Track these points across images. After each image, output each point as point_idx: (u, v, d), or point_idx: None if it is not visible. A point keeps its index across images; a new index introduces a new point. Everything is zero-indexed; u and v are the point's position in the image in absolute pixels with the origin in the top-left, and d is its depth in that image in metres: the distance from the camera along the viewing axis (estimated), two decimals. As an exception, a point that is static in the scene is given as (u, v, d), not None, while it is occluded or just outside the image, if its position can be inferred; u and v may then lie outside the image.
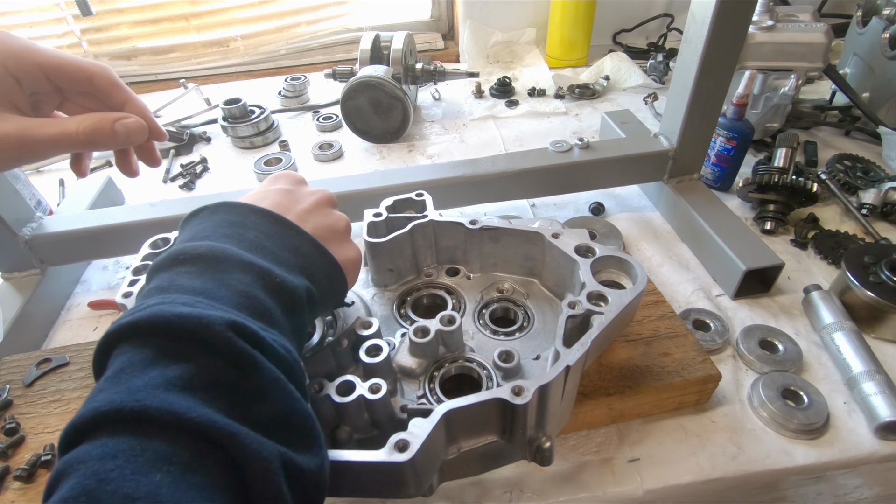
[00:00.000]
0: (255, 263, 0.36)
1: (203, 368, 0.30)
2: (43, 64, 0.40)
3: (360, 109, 1.04)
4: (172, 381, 0.28)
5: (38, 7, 1.28)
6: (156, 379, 0.28)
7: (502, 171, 0.79)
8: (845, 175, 0.91)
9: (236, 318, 0.32)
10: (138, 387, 0.28)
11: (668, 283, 0.75)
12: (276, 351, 0.33)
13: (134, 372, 0.29)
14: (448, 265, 0.63)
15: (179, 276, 0.35)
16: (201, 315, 0.31)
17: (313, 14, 1.44)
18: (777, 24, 0.85)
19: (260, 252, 0.38)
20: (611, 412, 0.56)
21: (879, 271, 0.65)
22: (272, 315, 0.35)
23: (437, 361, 0.51)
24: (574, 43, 1.33)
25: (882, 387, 0.56)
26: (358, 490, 0.42)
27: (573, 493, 0.52)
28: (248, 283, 0.35)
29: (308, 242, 0.41)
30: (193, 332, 0.30)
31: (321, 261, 0.42)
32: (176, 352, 0.30)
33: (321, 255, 0.42)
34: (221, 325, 0.30)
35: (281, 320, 0.36)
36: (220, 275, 0.35)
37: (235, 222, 0.39)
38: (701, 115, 0.77)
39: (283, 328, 0.36)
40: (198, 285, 0.34)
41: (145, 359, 0.29)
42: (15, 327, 0.69)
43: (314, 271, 0.41)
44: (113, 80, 0.43)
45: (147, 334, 0.30)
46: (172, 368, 0.29)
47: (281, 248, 0.39)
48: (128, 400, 0.27)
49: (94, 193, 0.88)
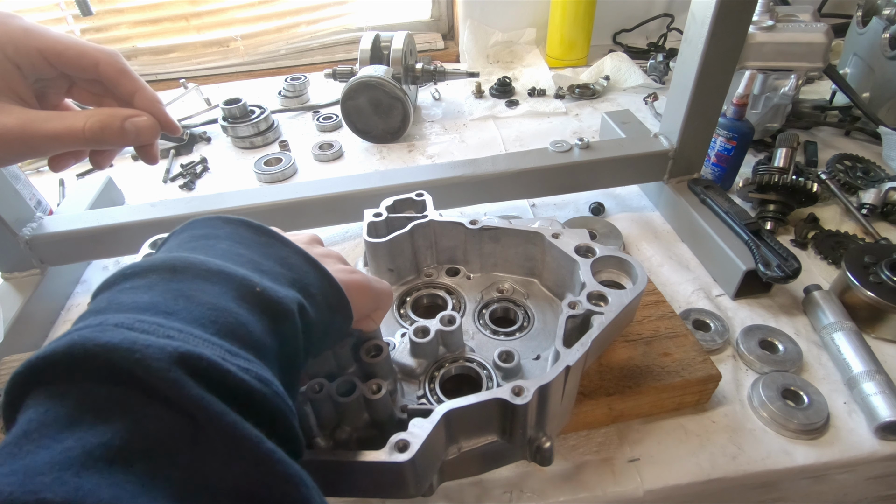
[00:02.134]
0: (225, 270, 0.29)
1: (140, 423, 0.22)
2: (44, 49, 0.36)
3: (360, 109, 1.04)
4: (94, 453, 0.20)
5: (38, 7, 1.28)
6: (70, 451, 0.20)
7: (502, 171, 0.79)
8: (845, 175, 0.91)
9: (186, 349, 0.24)
10: (42, 466, 0.20)
11: (668, 283, 0.75)
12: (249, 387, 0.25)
13: (41, 438, 0.21)
14: (448, 265, 0.63)
15: (122, 293, 0.27)
16: (135, 345, 0.23)
17: (313, 14, 1.44)
18: (777, 24, 0.85)
19: (234, 260, 0.31)
20: (611, 412, 0.56)
21: (879, 271, 0.65)
22: (249, 332, 0.27)
23: (437, 361, 0.51)
24: (574, 43, 1.33)
25: (882, 387, 0.56)
26: (358, 490, 0.41)
27: (573, 493, 0.52)
28: (215, 294, 0.28)
29: (297, 254, 0.35)
30: (124, 369, 0.22)
31: (315, 274, 0.34)
32: (103, 399, 0.22)
33: (314, 269, 0.35)
34: (163, 360, 0.23)
35: (262, 340, 0.28)
36: (176, 285, 0.28)
37: (204, 235, 0.33)
38: (701, 115, 0.77)
39: (266, 351, 0.28)
40: (145, 300, 0.26)
41: (60, 415, 0.22)
42: (15, 327, 0.69)
43: (307, 285, 0.33)
44: (121, 68, 0.39)
45: (65, 375, 0.23)
46: (97, 430, 0.21)
47: (262, 257, 0.33)
48: (20, 490, 0.19)
49: (94, 193, 0.88)
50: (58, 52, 0.37)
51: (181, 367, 0.23)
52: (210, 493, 0.22)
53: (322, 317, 0.34)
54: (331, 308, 0.35)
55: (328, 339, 0.37)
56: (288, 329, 0.30)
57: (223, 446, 0.23)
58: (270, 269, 0.32)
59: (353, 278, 0.38)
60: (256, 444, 0.23)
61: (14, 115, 0.35)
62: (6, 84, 0.36)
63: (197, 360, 0.23)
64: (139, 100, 0.40)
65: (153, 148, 0.42)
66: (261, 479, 0.23)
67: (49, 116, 0.36)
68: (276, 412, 0.26)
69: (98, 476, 0.20)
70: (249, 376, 0.25)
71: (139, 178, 1.01)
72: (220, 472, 0.23)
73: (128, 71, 0.39)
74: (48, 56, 0.37)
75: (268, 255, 0.33)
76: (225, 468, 0.23)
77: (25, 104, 0.37)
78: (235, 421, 0.23)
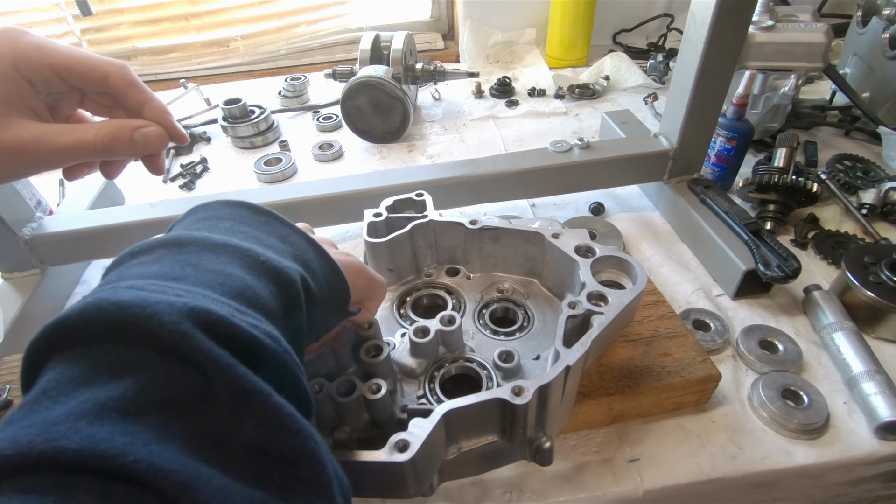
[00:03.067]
0: (230, 243, 0.30)
1: (152, 379, 0.23)
2: (55, 64, 0.37)
3: (360, 109, 1.04)
4: (107, 405, 0.21)
5: (38, 7, 1.28)
6: (84, 404, 0.21)
7: (502, 171, 0.79)
8: (845, 175, 0.91)
9: (196, 304, 0.24)
10: (57, 418, 0.20)
11: (668, 283, 0.75)
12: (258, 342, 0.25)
13: (58, 395, 0.22)
14: (448, 265, 0.63)
15: (131, 268, 0.28)
16: (145, 301, 0.23)
17: (313, 14, 1.44)
18: (777, 24, 0.85)
19: (238, 236, 0.32)
20: (611, 412, 0.56)
21: (879, 271, 0.65)
22: (257, 295, 0.28)
23: (437, 361, 0.51)
24: (574, 43, 1.33)
25: (882, 387, 0.56)
26: (358, 490, 0.41)
27: (573, 493, 0.52)
28: (222, 262, 0.29)
29: (297, 233, 0.36)
30: (137, 325, 0.23)
31: (314, 252, 0.36)
32: (117, 359, 0.23)
33: (313, 248, 0.36)
34: (173, 315, 0.23)
35: (270, 304, 0.29)
36: (183, 256, 0.29)
37: (207, 216, 0.35)
38: (701, 115, 0.77)
39: (273, 314, 0.29)
40: (154, 270, 0.27)
41: (76, 375, 0.22)
42: (15, 327, 0.69)
43: (307, 261, 0.34)
44: (129, 80, 0.40)
45: (81, 337, 0.24)
46: (110, 385, 0.22)
47: (264, 234, 0.34)
48: (38, 439, 0.19)
49: (94, 193, 0.88)
50: (68, 67, 0.38)
51: (191, 321, 0.23)
52: (220, 444, 0.22)
53: (322, 291, 0.35)
54: (330, 285, 0.36)
55: (327, 316, 0.38)
56: (293, 297, 0.31)
57: (232, 399, 0.23)
58: (273, 244, 0.33)
59: (348, 259, 0.40)
60: (266, 398, 0.24)
61: (28, 130, 0.36)
62: (19, 99, 0.37)
63: (206, 315, 0.24)
64: (148, 110, 0.41)
65: (159, 159, 0.43)
66: (269, 431, 0.23)
67: (61, 130, 0.37)
68: (285, 368, 0.26)
69: (111, 425, 0.20)
70: (258, 332, 0.25)
71: (139, 178, 1.01)
72: (230, 424, 0.23)
73: (136, 83, 0.40)
74: (59, 70, 0.38)
75: (269, 233, 0.34)
76: (234, 421, 0.23)
77: (38, 118, 0.38)
78: (245, 374, 0.24)
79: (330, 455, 0.26)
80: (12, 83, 0.37)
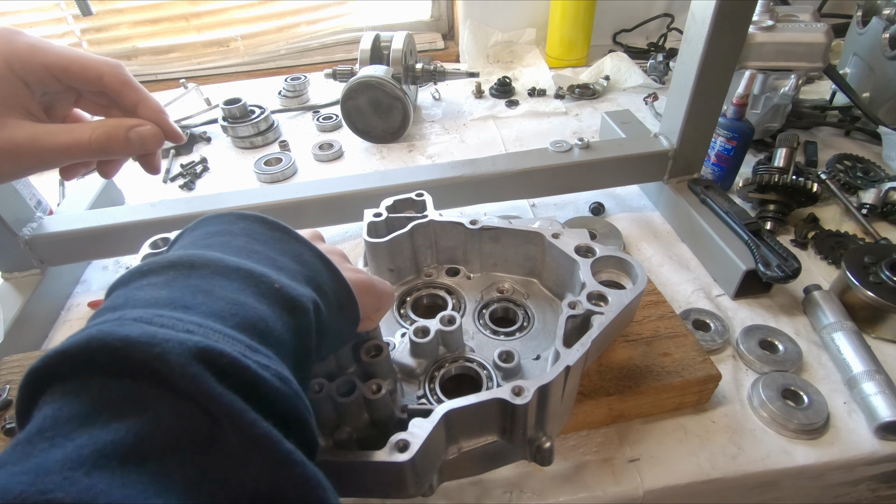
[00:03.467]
0: (243, 267, 0.29)
1: (156, 420, 0.21)
2: (49, 65, 0.37)
3: (360, 109, 1.04)
4: (105, 450, 0.20)
5: (38, 7, 1.28)
6: (82, 450, 0.20)
7: (502, 171, 0.79)
8: (845, 175, 0.91)
9: (206, 343, 0.23)
10: (53, 465, 0.19)
11: (668, 283, 0.75)
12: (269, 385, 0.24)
13: (55, 436, 0.20)
14: (448, 265, 0.63)
15: (140, 290, 0.27)
16: (154, 339, 0.22)
17: (313, 14, 1.44)
18: (777, 24, 0.85)
19: (251, 257, 0.31)
20: (611, 412, 0.56)
21: (879, 271, 0.65)
22: (269, 328, 0.27)
23: (437, 361, 0.51)
24: (574, 43, 1.33)
25: (882, 387, 0.56)
26: (358, 490, 0.41)
27: (573, 493, 0.52)
28: (234, 290, 0.28)
29: (311, 251, 0.35)
30: (144, 363, 0.22)
31: (327, 273, 0.34)
32: (120, 396, 0.22)
33: (327, 267, 0.35)
34: (182, 355, 0.22)
35: (282, 336, 0.28)
36: (194, 280, 0.27)
37: (220, 231, 0.33)
38: (701, 115, 0.77)
39: (284, 348, 0.28)
40: (163, 295, 0.26)
41: (75, 413, 0.21)
42: (15, 327, 0.69)
43: (321, 283, 0.33)
44: (124, 79, 0.40)
45: (83, 371, 0.22)
46: (111, 428, 0.21)
47: (278, 254, 0.33)
48: (30, 490, 0.18)
49: (94, 193, 0.88)
50: (63, 67, 0.38)
51: (201, 363, 0.22)
52: (227, 493, 0.22)
53: (333, 316, 0.34)
54: (340, 308, 0.35)
55: (336, 340, 0.37)
56: (304, 327, 0.30)
57: (241, 445, 0.22)
58: (287, 265, 0.32)
59: (359, 278, 0.38)
60: (275, 444, 0.23)
61: (24, 131, 0.36)
62: (15, 100, 0.37)
63: (217, 356, 0.23)
64: (143, 109, 0.40)
65: (155, 158, 0.43)
66: (279, 480, 0.23)
67: (57, 130, 0.37)
68: (295, 412, 0.26)
69: (110, 476, 0.19)
70: (269, 374, 0.24)
71: (139, 178, 1.01)
72: (238, 471, 0.22)
73: (131, 82, 0.40)
74: (54, 71, 0.38)
75: (283, 252, 0.33)
76: (243, 468, 0.22)
77: (34, 118, 0.38)
78: (255, 420, 0.23)
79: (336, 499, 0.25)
80: (7, 83, 0.36)
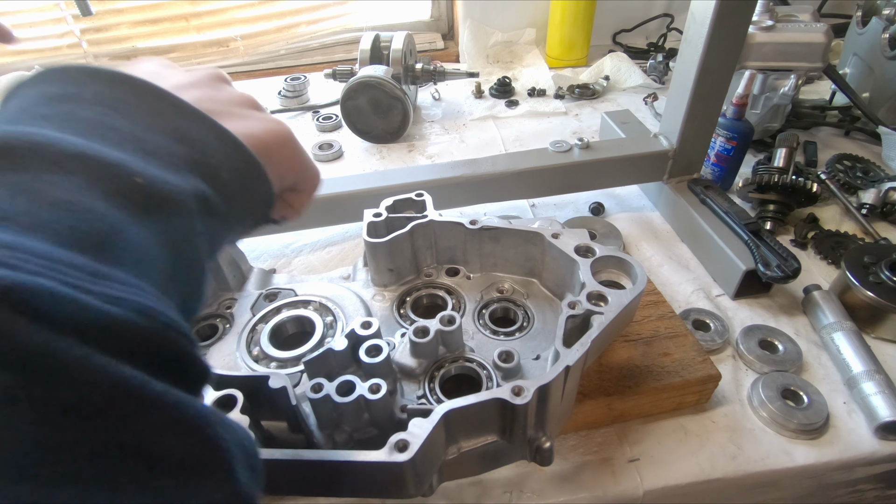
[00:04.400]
0: (90, 154, 0.21)
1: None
2: None
3: (360, 109, 1.04)
4: None
5: (38, 7, 1.28)
6: None
7: (502, 171, 0.79)
8: (845, 175, 0.91)
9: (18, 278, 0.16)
10: None
11: (668, 283, 0.75)
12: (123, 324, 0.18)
13: None
14: (448, 265, 0.63)
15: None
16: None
17: (313, 14, 1.44)
18: (777, 24, 0.85)
19: (106, 137, 0.22)
20: (611, 412, 0.56)
21: (879, 271, 0.65)
22: (124, 240, 0.20)
23: (437, 361, 0.51)
24: (574, 43, 1.33)
25: (882, 387, 0.56)
26: (358, 490, 0.42)
27: (573, 493, 0.52)
28: (74, 188, 0.20)
29: (199, 122, 0.26)
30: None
31: (222, 149, 0.26)
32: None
33: (220, 140, 0.26)
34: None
35: (146, 249, 0.21)
36: (13, 176, 0.19)
37: (62, 96, 0.24)
38: (701, 115, 0.77)
39: (150, 263, 0.21)
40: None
41: None
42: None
43: (212, 166, 0.25)
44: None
45: None
46: None
47: (148, 130, 0.24)
48: None
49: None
50: None
51: (9, 307, 0.16)
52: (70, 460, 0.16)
53: (231, 205, 0.27)
54: (244, 190, 0.28)
55: (240, 230, 0.30)
56: (181, 232, 0.23)
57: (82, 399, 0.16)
58: (159, 147, 0.24)
59: (269, 128, 0.30)
60: (138, 388, 0.17)
61: None
62: None
63: (33, 296, 0.16)
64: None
65: None
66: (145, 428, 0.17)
67: None
68: (166, 347, 0.19)
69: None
70: (123, 309, 0.18)
71: (139, 178, 1.01)
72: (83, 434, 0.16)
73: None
74: None
75: (156, 127, 0.24)
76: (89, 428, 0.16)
77: None
78: (103, 366, 0.17)
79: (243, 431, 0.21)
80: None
